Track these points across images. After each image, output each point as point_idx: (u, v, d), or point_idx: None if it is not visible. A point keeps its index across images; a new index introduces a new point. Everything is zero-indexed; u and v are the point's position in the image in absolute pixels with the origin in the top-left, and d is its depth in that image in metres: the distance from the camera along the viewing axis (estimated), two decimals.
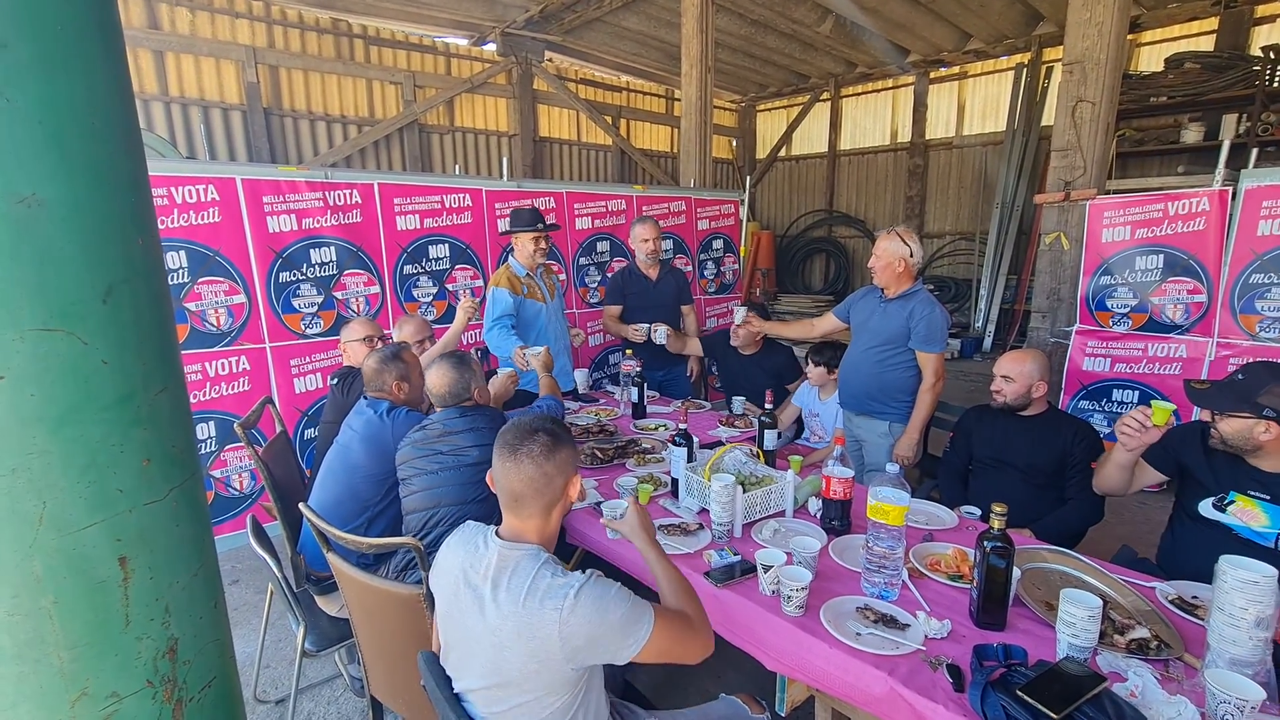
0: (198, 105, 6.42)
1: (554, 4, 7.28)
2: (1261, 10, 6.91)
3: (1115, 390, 3.56)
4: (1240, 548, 1.62)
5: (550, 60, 8.92)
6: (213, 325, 2.99)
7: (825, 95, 10.72)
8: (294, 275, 3.20)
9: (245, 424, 2.34)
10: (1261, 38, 6.86)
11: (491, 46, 8.27)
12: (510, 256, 3.25)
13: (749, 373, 3.32)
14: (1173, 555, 1.86)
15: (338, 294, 3.35)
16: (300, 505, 1.71)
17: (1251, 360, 1.77)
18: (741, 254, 5.41)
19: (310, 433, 3.30)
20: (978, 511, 2.07)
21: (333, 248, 3.30)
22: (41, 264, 0.77)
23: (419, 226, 3.60)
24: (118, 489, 0.85)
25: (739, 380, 3.36)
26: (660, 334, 3.38)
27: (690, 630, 1.22)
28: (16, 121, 0.74)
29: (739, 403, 3.16)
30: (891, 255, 2.55)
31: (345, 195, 3.32)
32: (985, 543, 1.40)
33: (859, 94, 10.56)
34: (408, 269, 3.58)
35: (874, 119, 10.52)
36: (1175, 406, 1.76)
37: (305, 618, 1.91)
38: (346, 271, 3.36)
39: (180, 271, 2.89)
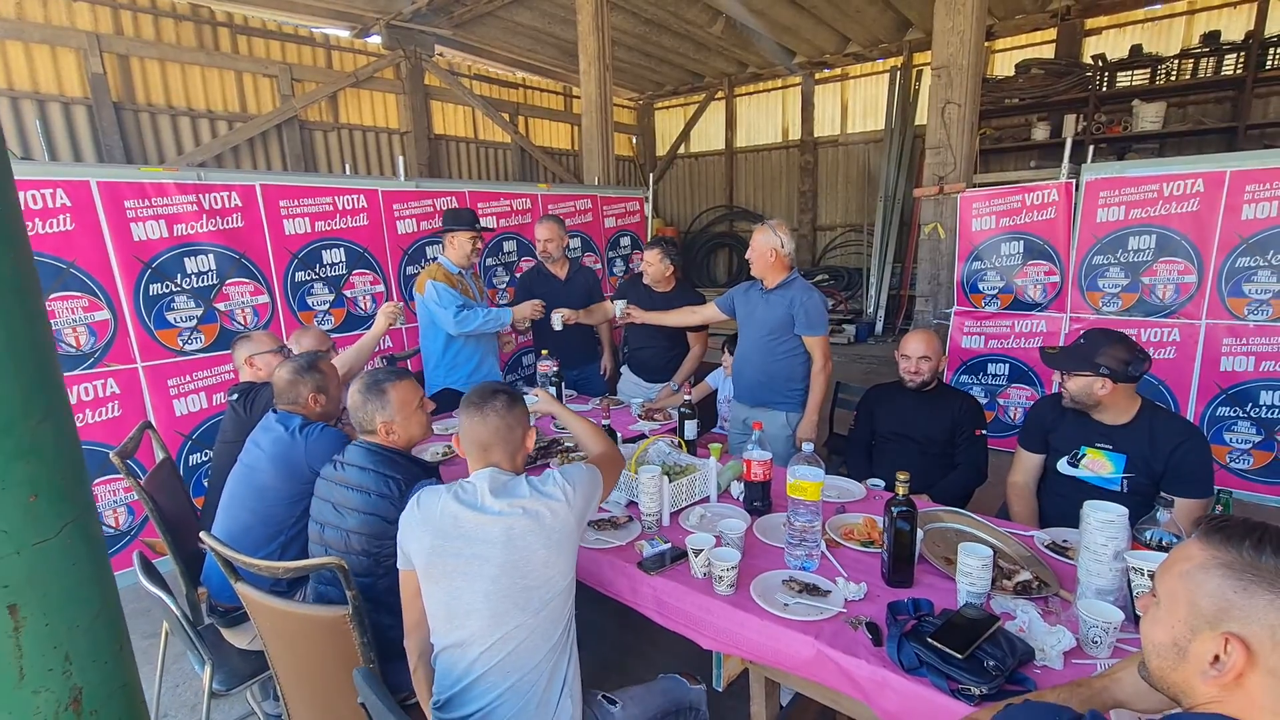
0: (31, 98, 5.66)
1: None
2: (1090, 23, 7.86)
3: (990, 364, 3.95)
4: (1093, 496, 1.86)
5: (441, 55, 8.62)
6: (71, 346, 2.67)
7: (720, 94, 11.07)
8: (166, 287, 2.92)
9: (122, 453, 2.12)
10: (1091, 47, 7.81)
11: (376, 39, 7.87)
12: (441, 255, 3.17)
13: (660, 308, 3.26)
14: (1043, 512, 2.11)
15: (220, 305, 3.09)
16: (202, 534, 1.58)
17: (1090, 328, 2.03)
18: None
19: (195, 458, 3.03)
20: (882, 483, 2.24)
21: (211, 255, 3.04)
22: None
23: (309, 230, 3.38)
24: (2, 530, 0.76)
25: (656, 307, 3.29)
26: (556, 320, 3.26)
27: (613, 463, 1.68)
28: None
29: (636, 404, 3.09)
30: (764, 247, 2.67)
31: (223, 198, 3.07)
32: (892, 509, 1.53)
33: (751, 93, 10.99)
34: (300, 276, 3.36)
35: (766, 117, 10.99)
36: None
37: (210, 655, 1.77)
38: (229, 281, 3.11)
39: None
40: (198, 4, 6.50)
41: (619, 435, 2.31)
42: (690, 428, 2.43)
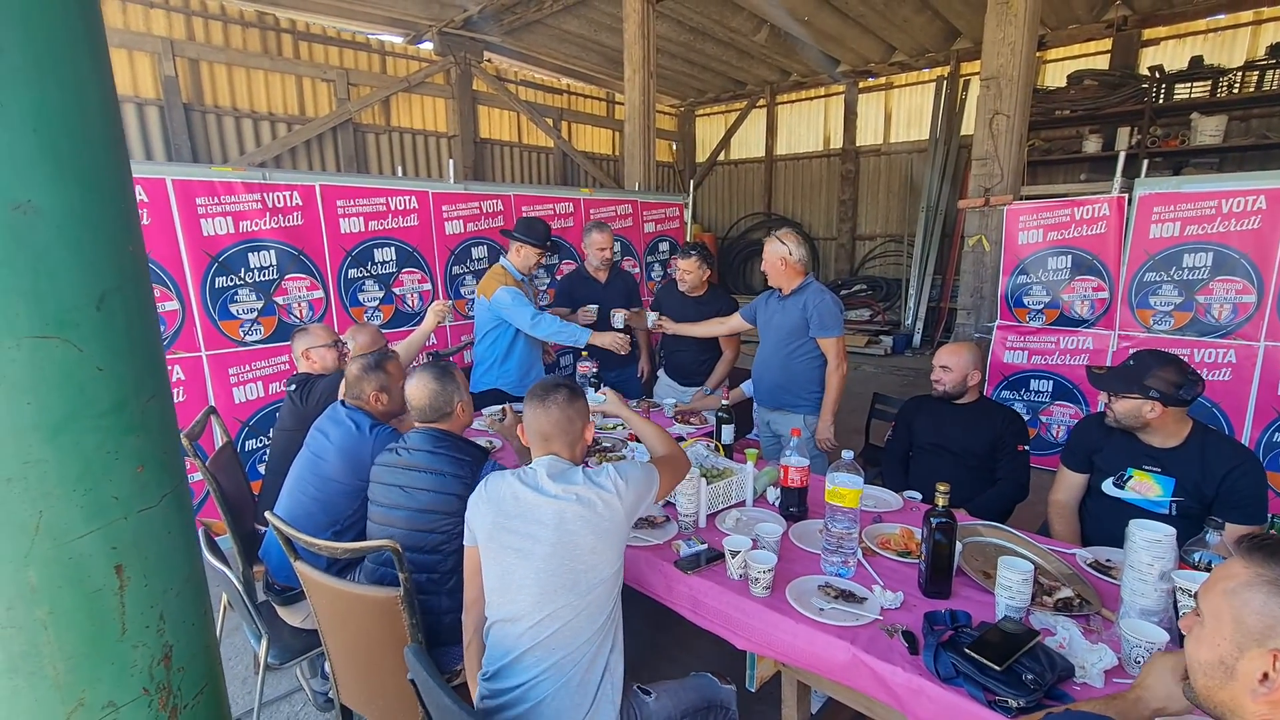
0: None
1: (493, 5, 7.22)
2: (1148, 34, 7.62)
3: (1033, 380, 3.87)
4: (1139, 517, 1.83)
5: (490, 61, 8.83)
6: None
7: (761, 102, 11.05)
8: (231, 280, 3.08)
9: (190, 435, 2.26)
10: (1149, 58, 7.58)
11: (429, 45, 8.11)
12: (504, 259, 3.28)
13: (691, 315, 3.34)
14: (1086, 529, 2.08)
15: (278, 299, 3.24)
16: (268, 514, 1.68)
17: (1140, 349, 1.99)
18: None
19: (251, 443, 3.18)
20: (919, 495, 2.23)
21: (273, 251, 3.20)
22: (36, 271, 0.77)
23: (363, 229, 3.52)
24: (113, 496, 0.85)
25: (682, 321, 3.37)
26: (618, 319, 3.37)
27: (676, 464, 1.70)
28: (11, 127, 0.74)
29: (669, 405, 3.22)
30: (773, 256, 2.78)
31: (285, 197, 3.22)
32: (931, 520, 1.54)
33: (793, 101, 10.95)
34: (352, 273, 3.50)
35: (808, 126, 10.93)
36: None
37: (266, 630, 1.87)
38: (288, 276, 3.26)
39: None
40: (264, 11, 6.80)
41: None
42: (727, 432, 2.46)
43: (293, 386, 2.34)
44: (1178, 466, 1.86)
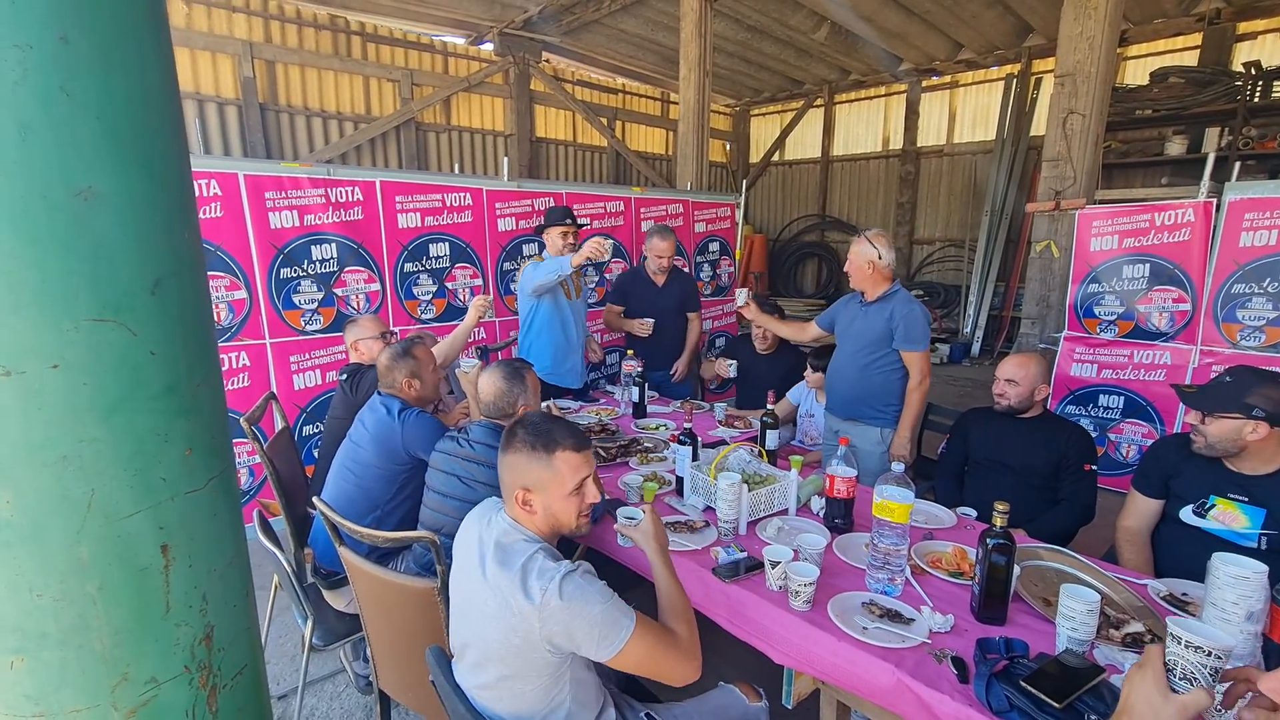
0: (193, 99, 6.37)
1: (553, 5, 7.31)
2: (1244, 27, 7.09)
3: (1101, 396, 3.65)
4: (1221, 549, 1.68)
5: (547, 61, 8.94)
6: (213, 321, 2.98)
7: (819, 101, 10.83)
8: (295, 271, 3.20)
9: (251, 419, 2.34)
10: (1244, 54, 7.04)
11: (489, 46, 8.28)
12: (544, 252, 3.35)
13: (760, 370, 3.43)
14: (1159, 558, 1.92)
15: (338, 291, 3.35)
16: (315, 499, 1.72)
17: (1235, 365, 1.83)
18: (736, 257, 5.46)
19: (309, 429, 3.30)
20: (974, 512, 2.12)
21: (334, 244, 3.31)
22: (96, 256, 0.79)
23: (420, 225, 3.61)
24: (162, 478, 0.87)
25: (750, 376, 3.47)
26: (719, 411, 3.25)
27: (674, 649, 1.24)
28: (76, 115, 0.76)
29: (720, 409, 3.20)
30: (861, 259, 2.61)
31: (347, 192, 3.33)
32: (987, 540, 1.45)
33: (852, 100, 10.68)
34: (408, 267, 3.59)
35: (866, 126, 10.64)
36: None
37: (313, 612, 1.92)
38: (347, 268, 3.37)
39: None
40: (335, 14, 7.07)
41: (699, 440, 2.31)
42: (772, 438, 2.40)
43: (344, 376, 2.41)
44: (1269, 497, 1.70)
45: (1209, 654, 0.90)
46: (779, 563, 1.60)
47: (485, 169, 8.53)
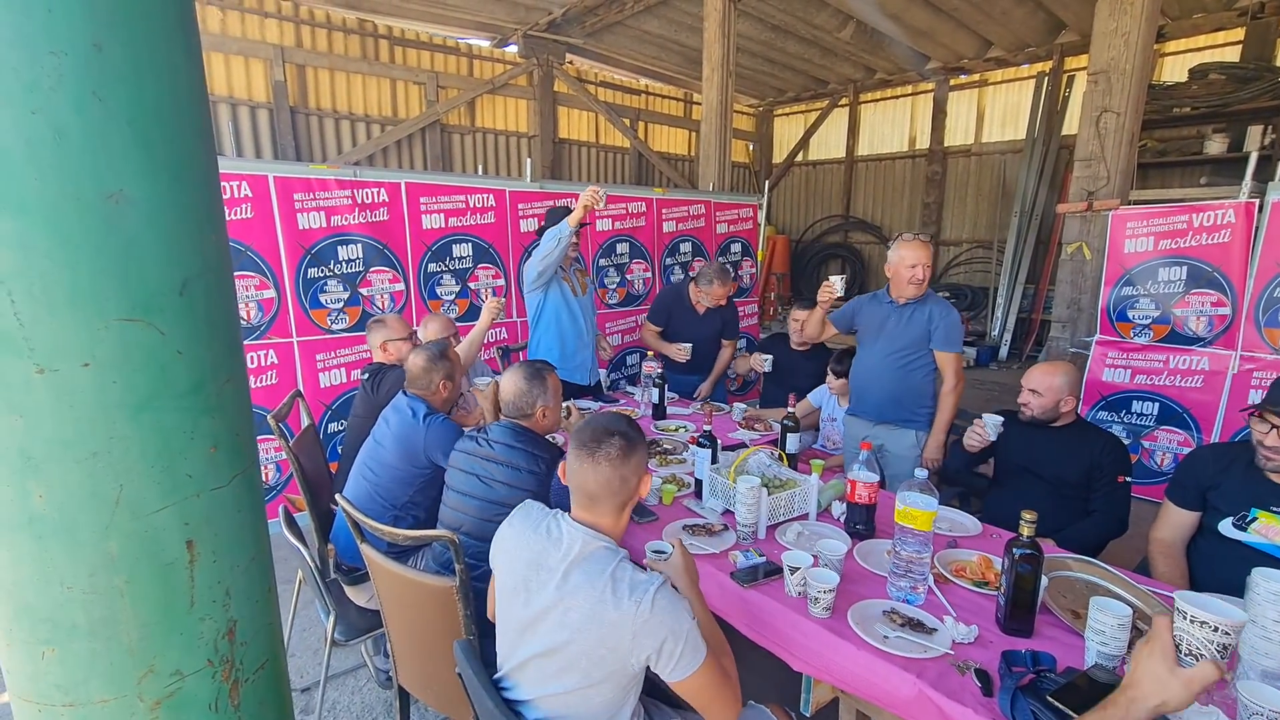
0: (226, 103, 6.53)
1: (576, 7, 7.34)
2: None
3: (1135, 402, 3.54)
4: (1263, 565, 1.62)
5: (571, 62, 8.98)
6: (243, 319, 3.05)
7: (844, 101, 10.71)
8: (322, 271, 3.25)
9: (278, 416, 2.39)
10: None
11: (513, 48, 8.34)
12: None
13: (796, 367, 3.42)
14: (1195, 571, 1.86)
15: (363, 291, 3.40)
16: (338, 496, 1.75)
17: None
18: (759, 258, 5.43)
19: (334, 426, 3.35)
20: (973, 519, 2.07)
21: (360, 245, 3.36)
22: (126, 257, 0.81)
23: (443, 226, 3.65)
24: (187, 474, 0.89)
25: (785, 372, 3.44)
26: (737, 412, 3.24)
27: (728, 687, 1.22)
28: (108, 120, 0.78)
29: (738, 410, 3.18)
30: (930, 261, 2.59)
31: (373, 194, 3.38)
32: (1014, 550, 1.41)
33: (878, 100, 10.54)
34: (432, 267, 3.63)
35: (892, 125, 10.50)
36: None
37: (335, 607, 1.95)
38: (372, 269, 3.42)
39: None
40: (364, 18, 7.19)
41: (719, 442, 2.30)
42: (792, 441, 2.38)
43: (366, 375, 2.45)
44: None
45: (1215, 629, 0.89)
46: (798, 568, 1.58)
47: (509, 170, 8.59)
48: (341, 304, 3.31)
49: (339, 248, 3.28)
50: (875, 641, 1.39)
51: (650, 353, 3.28)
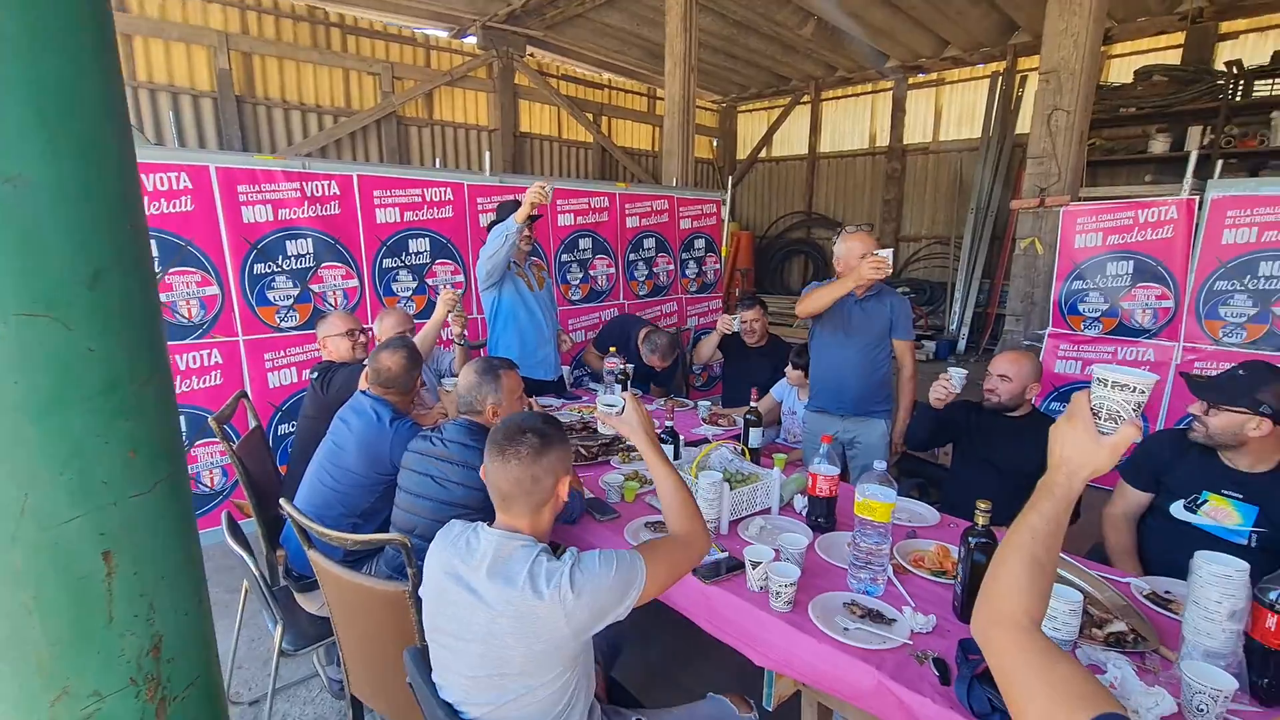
0: (167, 91, 6.24)
1: None
2: (1225, 27, 7.17)
3: None
4: (1214, 549, 1.67)
5: (532, 55, 8.86)
6: (184, 317, 2.91)
7: (805, 98, 10.83)
8: (269, 267, 3.13)
9: (220, 418, 2.28)
10: (1226, 53, 7.12)
11: (472, 39, 8.18)
12: None
13: (751, 364, 3.45)
14: (1145, 553, 1.92)
15: (314, 287, 3.28)
16: (282, 501, 1.67)
17: (1251, 360, 1.80)
18: (723, 254, 5.44)
19: (284, 428, 3.23)
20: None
21: (310, 240, 3.24)
22: (27, 246, 0.74)
23: (399, 220, 3.54)
24: (102, 481, 0.82)
25: (743, 371, 3.46)
26: (702, 409, 3.21)
27: (681, 549, 1.29)
28: (4, 97, 0.71)
29: (704, 407, 3.17)
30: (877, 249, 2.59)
31: (324, 186, 3.26)
32: (970, 539, 1.43)
33: (839, 97, 10.69)
34: (387, 262, 3.52)
35: (853, 122, 10.66)
36: None
37: (283, 616, 1.87)
38: (324, 264, 3.30)
39: (152, 262, 2.80)
40: (314, 5, 6.95)
41: (681, 439, 2.29)
42: (755, 435, 2.37)
43: (315, 374, 2.36)
44: (1263, 495, 1.69)
45: (1133, 390, 0.94)
46: (760, 563, 1.57)
47: (469, 164, 8.44)
48: (291, 301, 3.19)
49: (287, 242, 3.15)
50: (836, 634, 1.39)
51: (612, 349, 3.25)
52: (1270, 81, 6.46)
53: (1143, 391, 0.94)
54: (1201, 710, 1.13)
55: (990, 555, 1.42)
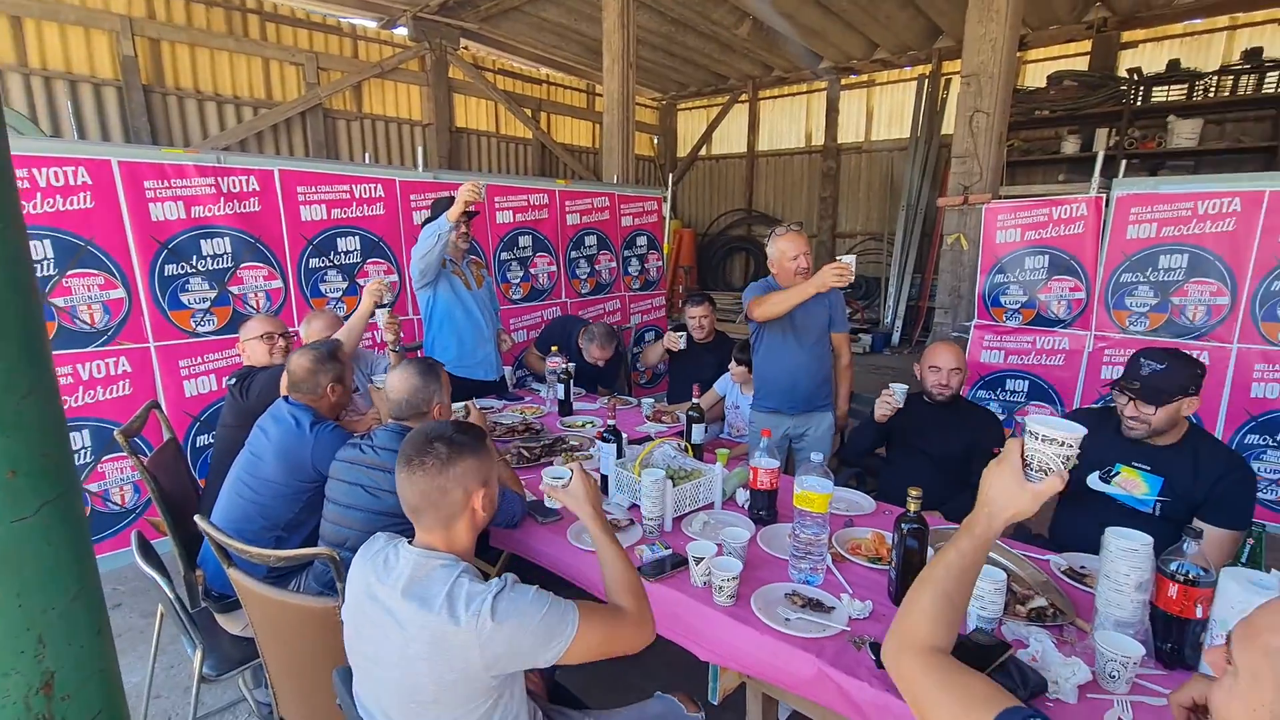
0: (64, 79, 5.75)
1: None
2: (1127, 36, 7.69)
3: (1009, 380, 3.85)
4: (1123, 517, 1.78)
5: (466, 48, 8.65)
6: (85, 323, 2.69)
7: (744, 97, 10.99)
8: (182, 268, 2.93)
9: (127, 431, 2.12)
10: (1128, 60, 7.64)
11: (403, 31, 7.91)
12: None
13: (697, 359, 3.49)
14: (1063, 529, 2.03)
15: (233, 289, 3.09)
16: (196, 518, 1.56)
17: (1148, 350, 1.89)
18: (665, 251, 5.46)
19: (203, 439, 3.04)
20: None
21: (227, 239, 3.05)
22: None
23: (326, 217, 3.39)
24: None
25: (688, 368, 3.49)
26: (646, 406, 3.17)
27: (622, 623, 1.20)
28: None
29: (648, 404, 3.17)
30: (809, 249, 2.66)
31: (241, 182, 3.08)
32: (902, 525, 1.47)
33: (775, 97, 10.90)
34: (314, 262, 3.36)
35: (790, 122, 10.90)
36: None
37: (203, 640, 1.75)
38: (243, 264, 3.12)
39: (45, 263, 2.58)
40: None
41: (624, 436, 2.27)
42: (697, 432, 2.39)
43: (234, 381, 2.22)
44: (1169, 466, 1.82)
45: (1062, 444, 0.98)
46: (702, 559, 1.57)
47: (402, 159, 8.16)
48: (208, 304, 3.00)
49: (202, 241, 2.96)
50: (777, 625, 1.41)
51: (554, 348, 3.20)
52: (1166, 88, 6.98)
53: (1071, 445, 0.97)
54: (1113, 676, 1.20)
55: (922, 540, 1.47)
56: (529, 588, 1.12)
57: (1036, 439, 0.99)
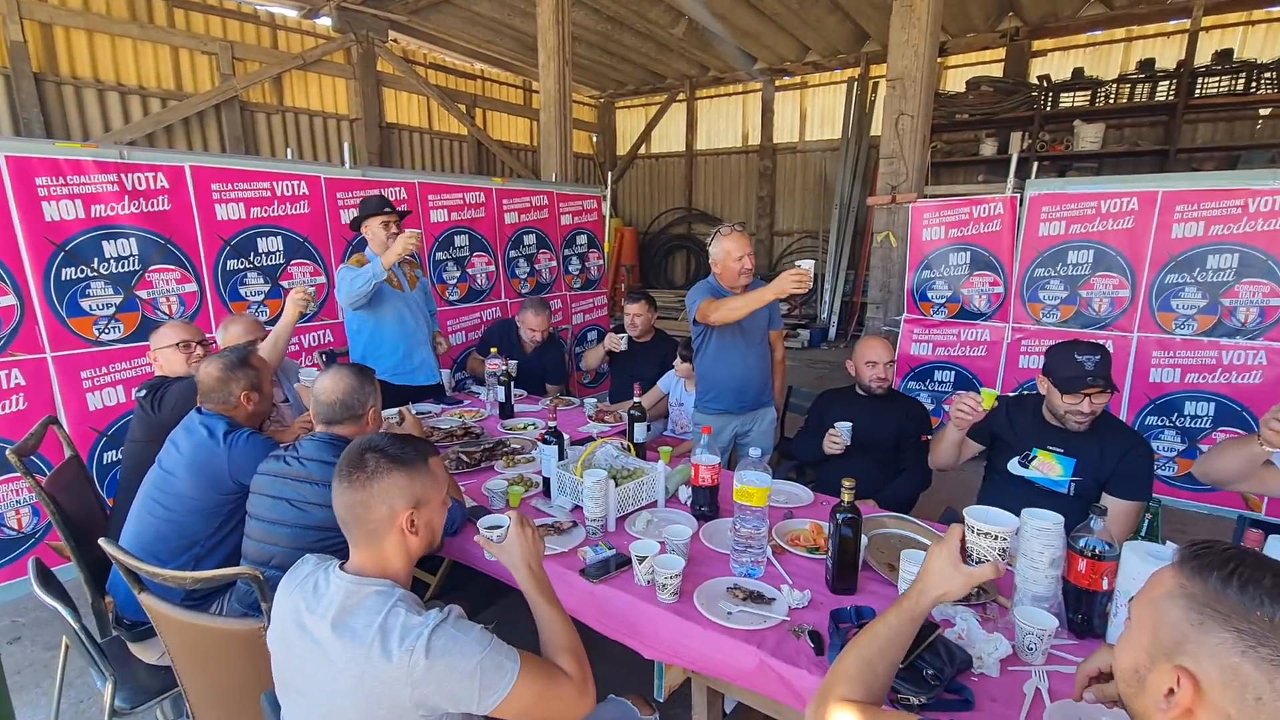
0: None
1: None
2: (1037, 45, 8.17)
3: (937, 371, 4.04)
4: (1042, 498, 1.90)
5: (395, 41, 8.37)
6: None
7: (681, 96, 11.09)
8: (81, 272, 2.71)
9: (21, 450, 1.95)
10: (1038, 68, 8.12)
11: (326, 21, 7.58)
12: (366, 249, 3.04)
13: (636, 358, 3.51)
14: (985, 504, 2.14)
15: (141, 293, 2.89)
16: (101, 541, 1.45)
17: (1073, 341, 1.97)
18: (605, 250, 5.44)
19: (110, 456, 2.83)
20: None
21: (133, 239, 2.84)
22: None
23: (244, 216, 3.21)
24: None
25: (629, 367, 3.49)
26: (589, 407, 3.17)
27: (563, 688, 1.12)
28: None
29: (590, 404, 3.16)
30: (751, 249, 2.66)
31: (148, 179, 2.87)
32: (837, 515, 1.51)
33: (712, 96, 11.04)
34: (231, 264, 3.18)
35: (727, 121, 11.06)
36: (998, 391, 2.03)
37: (114, 671, 1.63)
38: (152, 267, 2.91)
39: None
40: None
41: (566, 437, 2.24)
42: (640, 430, 2.39)
43: (144, 392, 2.07)
44: (1079, 448, 1.94)
45: (996, 538, 1.13)
46: (645, 558, 1.57)
47: (329, 155, 7.82)
48: (112, 310, 2.78)
49: (104, 243, 2.75)
50: (719, 619, 1.43)
51: (493, 349, 3.15)
52: (1072, 94, 7.47)
53: (1004, 539, 1.10)
54: (1031, 649, 1.27)
55: (855, 529, 1.52)
56: (472, 626, 1.06)
57: (974, 532, 1.12)
